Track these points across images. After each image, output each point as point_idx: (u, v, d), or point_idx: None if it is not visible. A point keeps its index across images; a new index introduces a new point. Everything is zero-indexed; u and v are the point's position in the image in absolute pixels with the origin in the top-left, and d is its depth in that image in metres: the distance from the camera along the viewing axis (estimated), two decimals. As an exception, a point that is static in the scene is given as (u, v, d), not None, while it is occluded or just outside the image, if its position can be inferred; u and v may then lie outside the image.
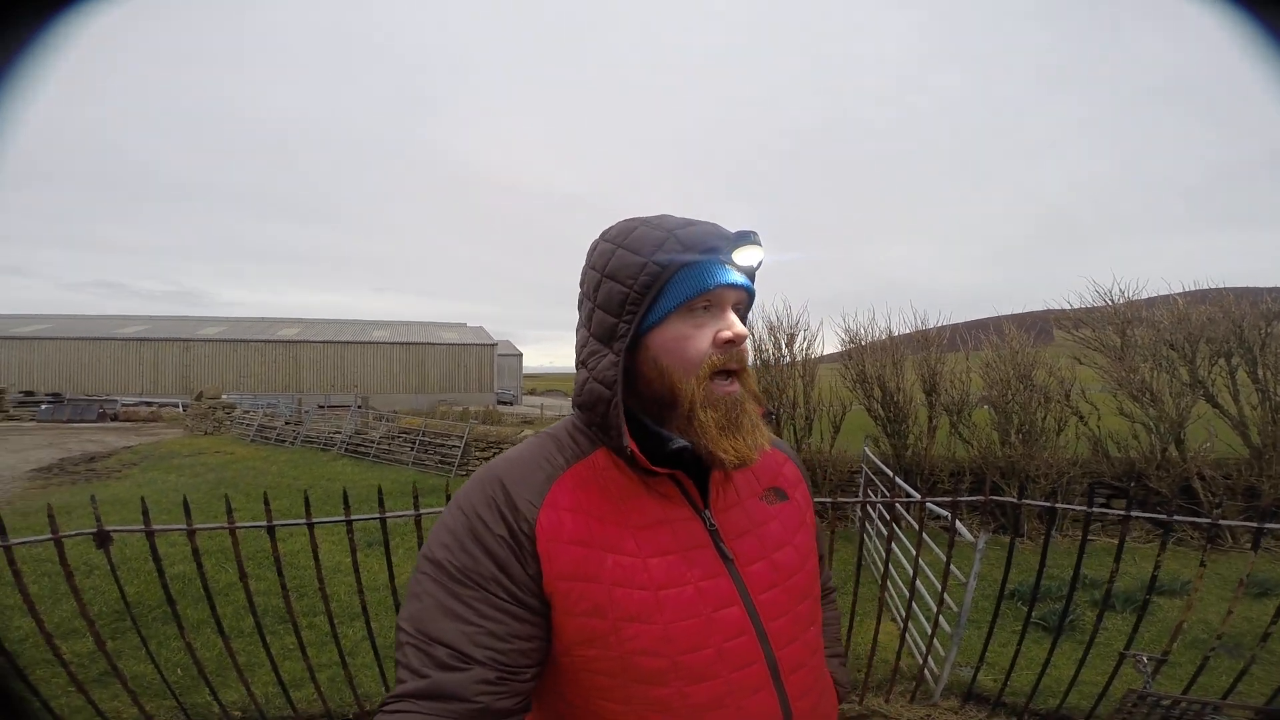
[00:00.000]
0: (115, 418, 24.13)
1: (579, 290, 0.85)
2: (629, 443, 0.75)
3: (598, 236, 0.84)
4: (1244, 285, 7.35)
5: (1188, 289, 7.58)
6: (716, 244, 0.77)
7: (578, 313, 0.86)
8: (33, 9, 0.56)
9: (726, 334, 0.77)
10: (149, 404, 26.78)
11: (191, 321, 38.32)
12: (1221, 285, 7.48)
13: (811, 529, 0.93)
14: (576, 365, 0.83)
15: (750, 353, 0.86)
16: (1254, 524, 2.17)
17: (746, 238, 0.78)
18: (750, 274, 0.82)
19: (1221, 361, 6.77)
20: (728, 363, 0.77)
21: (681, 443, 0.76)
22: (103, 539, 2.25)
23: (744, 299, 0.82)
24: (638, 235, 0.78)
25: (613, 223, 0.84)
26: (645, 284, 0.75)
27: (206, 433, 17.79)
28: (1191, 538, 6.26)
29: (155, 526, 2.27)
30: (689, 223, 0.79)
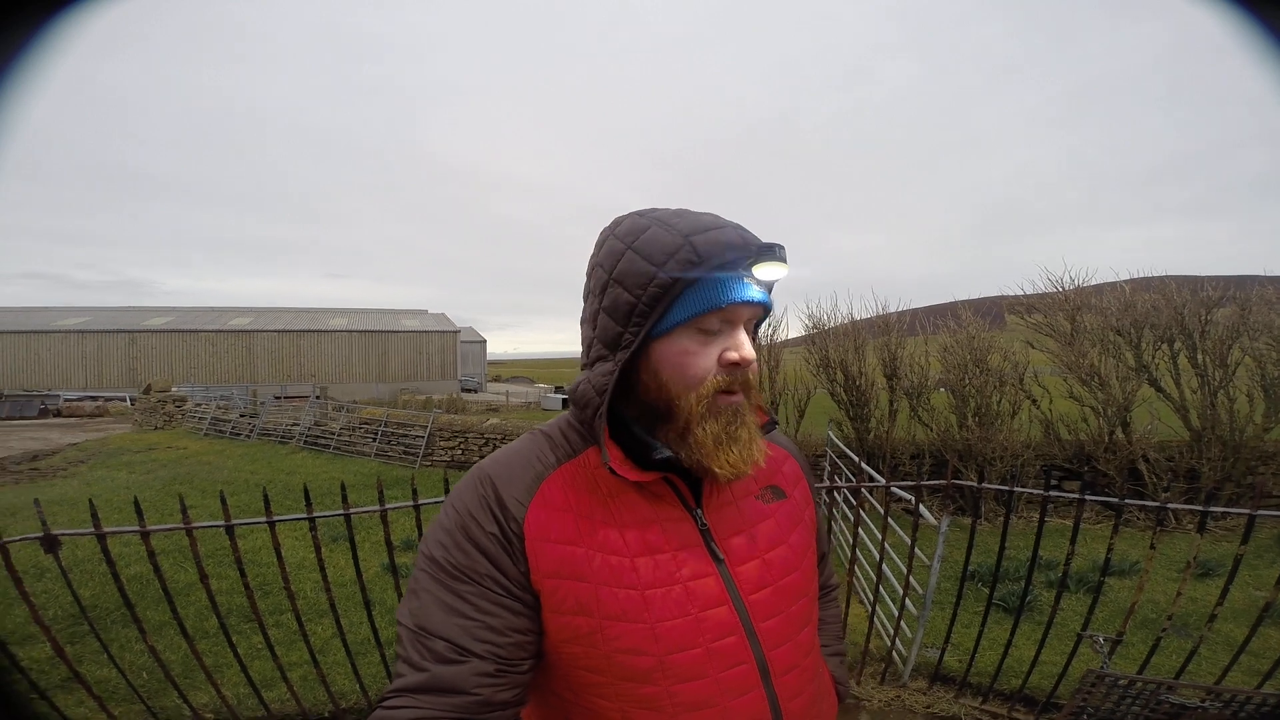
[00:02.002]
0: (58, 414, 23.14)
1: (586, 280, 0.82)
2: (609, 460, 0.73)
3: (608, 227, 0.80)
4: (1185, 274, 7.66)
5: (1134, 276, 7.88)
6: (736, 257, 0.72)
7: (583, 302, 0.83)
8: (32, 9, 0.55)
9: (733, 356, 0.74)
10: (94, 399, 25.71)
11: (136, 312, 36.75)
12: (1164, 274, 7.79)
13: (810, 527, 0.91)
14: (581, 364, 0.82)
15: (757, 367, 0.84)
16: (1200, 507, 2.28)
17: (772, 252, 0.74)
18: (768, 287, 0.79)
19: (1164, 347, 7.07)
20: (731, 384, 0.75)
21: (666, 453, 0.75)
22: (50, 543, 2.15)
23: (758, 314, 0.79)
24: (650, 237, 0.73)
25: (624, 212, 0.80)
26: (655, 296, 0.71)
27: (157, 427, 17.16)
28: (1138, 519, 6.54)
29: (107, 529, 2.18)
30: (708, 226, 0.73)
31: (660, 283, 0.71)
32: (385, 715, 0.66)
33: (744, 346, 0.75)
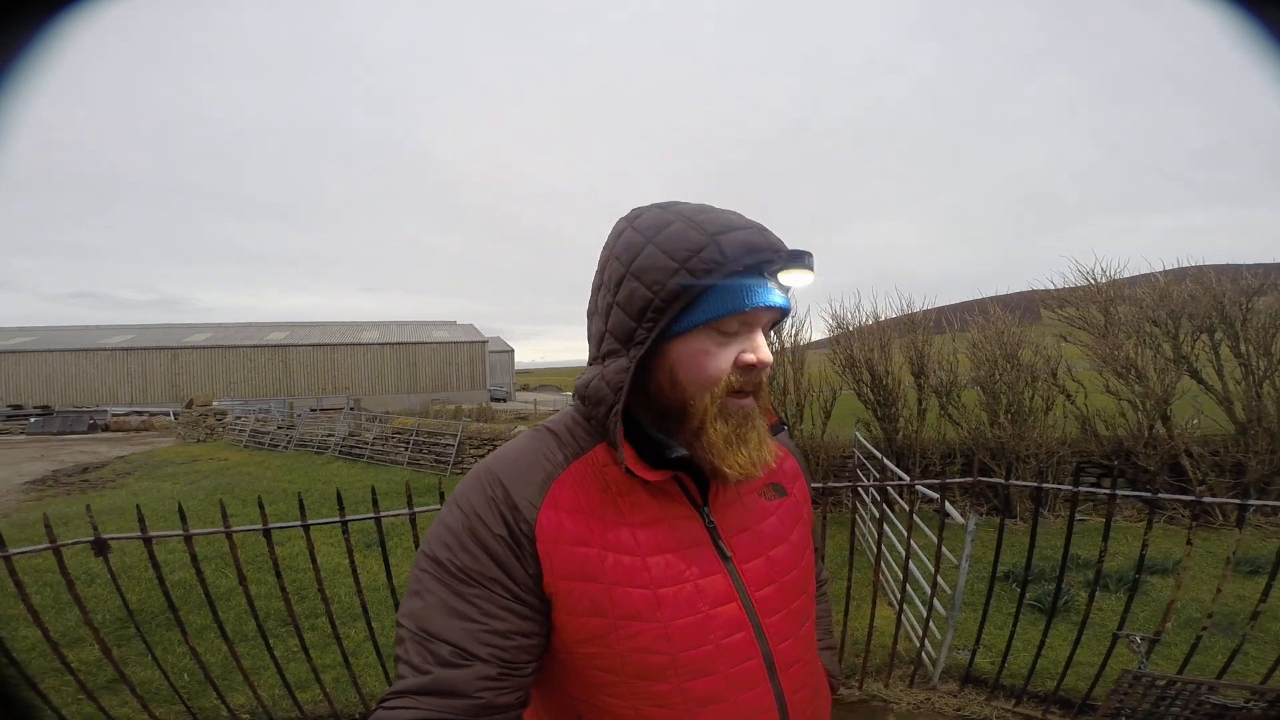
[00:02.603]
0: (106, 428, 23.95)
1: (597, 272, 0.79)
2: (624, 459, 0.73)
3: (625, 218, 0.78)
4: (1224, 262, 7.41)
5: (1169, 267, 7.66)
6: (761, 260, 0.71)
7: (592, 295, 0.81)
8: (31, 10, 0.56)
9: (750, 358, 0.74)
10: (139, 413, 26.60)
11: (178, 329, 38.02)
12: (1202, 263, 7.55)
13: (808, 524, 0.92)
14: (590, 357, 0.81)
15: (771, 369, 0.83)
16: (1236, 500, 2.22)
17: (800, 260, 0.74)
18: (789, 290, 0.79)
19: (1204, 337, 6.84)
20: (745, 385, 0.75)
21: (681, 452, 0.75)
22: (100, 547, 2.26)
23: (777, 317, 0.78)
24: (673, 233, 0.71)
25: (643, 204, 0.79)
26: (673, 293, 0.70)
27: (199, 440, 17.69)
28: (1182, 515, 6.33)
29: (152, 533, 2.28)
30: (734, 226, 0.71)
31: (680, 281, 0.69)
32: (386, 716, 0.66)
33: (761, 349, 0.75)
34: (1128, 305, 7.28)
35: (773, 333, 0.84)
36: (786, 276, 0.74)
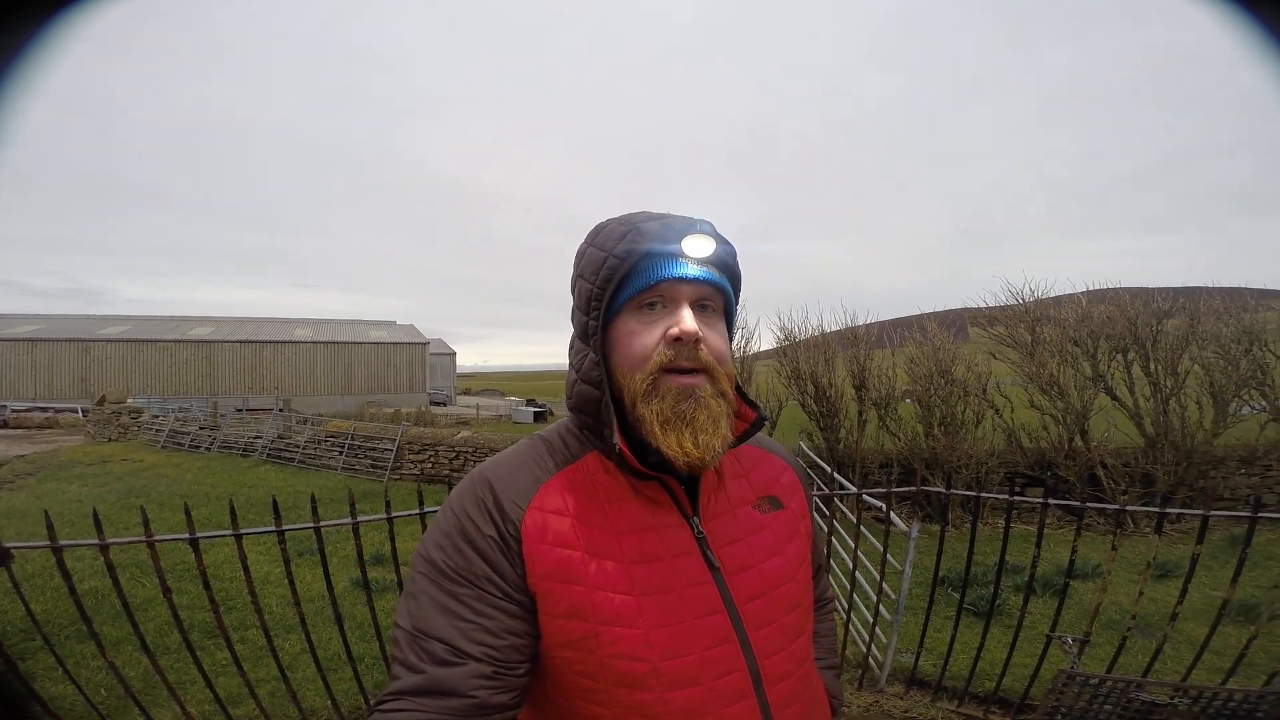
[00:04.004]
0: (5, 424, 22.23)
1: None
2: (618, 441, 0.73)
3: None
4: (1139, 285, 7.97)
5: (1090, 288, 8.17)
6: (673, 235, 0.75)
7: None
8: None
9: (674, 330, 0.74)
10: (44, 409, 24.75)
11: (92, 320, 35.61)
12: (1118, 285, 8.09)
13: (806, 539, 0.91)
14: (573, 370, 0.82)
15: (723, 349, 0.83)
16: (1157, 509, 2.36)
17: (694, 227, 0.75)
18: (724, 267, 0.80)
19: (1119, 357, 7.33)
20: (678, 360, 0.74)
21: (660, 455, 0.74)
22: (2, 556, 2.07)
23: (710, 294, 0.78)
24: (606, 231, 0.78)
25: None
26: (605, 279, 0.75)
27: (111, 439, 16.58)
28: (1097, 523, 6.74)
29: (63, 542, 2.10)
30: (657, 216, 0.78)
31: (610, 265, 0.75)
32: (384, 719, 0.66)
33: (684, 320, 0.74)
34: (1052, 325, 7.73)
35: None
36: (689, 245, 0.75)
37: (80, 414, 23.44)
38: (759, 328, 8.51)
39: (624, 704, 0.72)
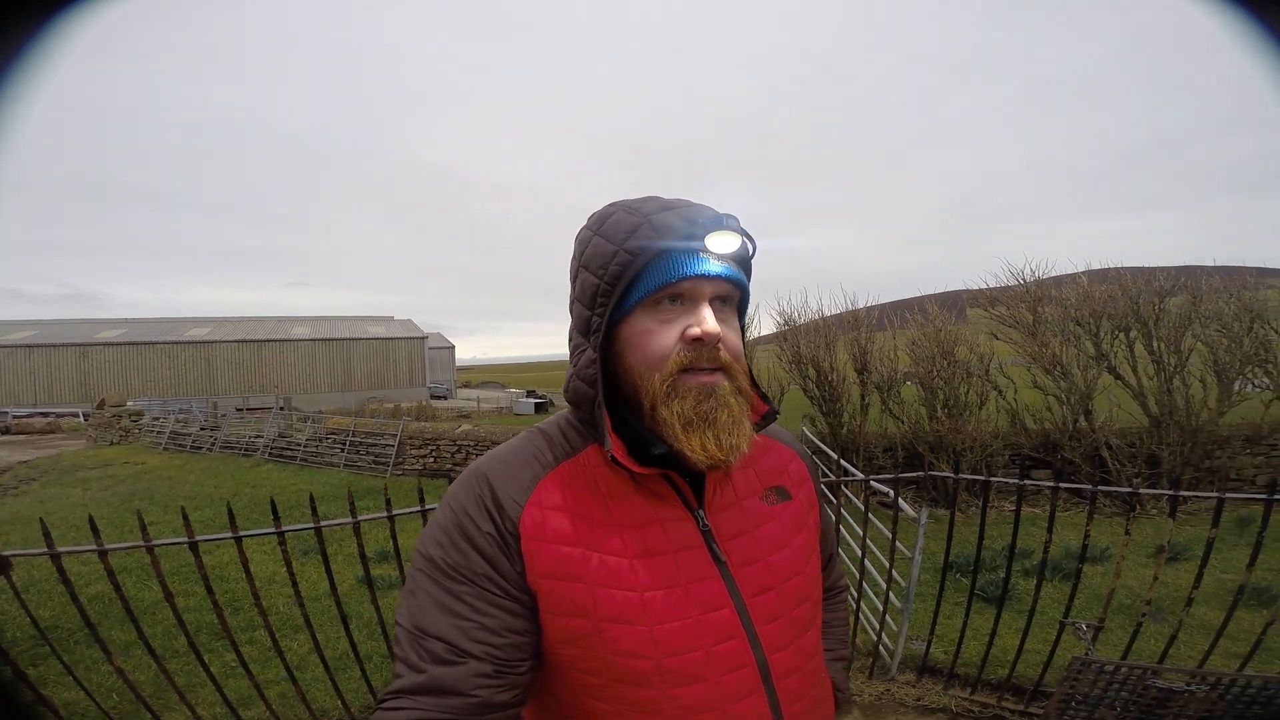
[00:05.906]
0: (6, 430, 22.18)
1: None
2: (611, 446, 0.72)
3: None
4: (1139, 264, 7.93)
5: (1090, 268, 8.12)
6: (693, 231, 0.71)
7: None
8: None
9: (695, 331, 0.71)
10: (45, 415, 24.71)
11: (88, 324, 35.41)
12: (1119, 265, 8.04)
13: (814, 530, 0.89)
14: (571, 362, 0.81)
15: (738, 347, 0.81)
16: (1170, 492, 2.33)
17: (720, 223, 0.72)
18: (742, 263, 0.77)
19: (1121, 336, 7.29)
20: (698, 361, 0.71)
21: (664, 448, 0.72)
22: (1, 565, 2.04)
23: (729, 291, 0.75)
24: (614, 221, 0.74)
25: (599, 207, 0.80)
26: (615, 275, 0.72)
27: (112, 443, 16.54)
28: (1104, 505, 6.71)
29: (61, 549, 2.06)
30: (669, 206, 0.75)
31: (621, 260, 0.71)
32: (385, 718, 0.66)
33: (706, 321, 0.71)
34: (1054, 305, 7.69)
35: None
36: (713, 241, 0.72)
37: (81, 418, 23.43)
38: (758, 312, 8.47)
39: (628, 701, 0.71)
